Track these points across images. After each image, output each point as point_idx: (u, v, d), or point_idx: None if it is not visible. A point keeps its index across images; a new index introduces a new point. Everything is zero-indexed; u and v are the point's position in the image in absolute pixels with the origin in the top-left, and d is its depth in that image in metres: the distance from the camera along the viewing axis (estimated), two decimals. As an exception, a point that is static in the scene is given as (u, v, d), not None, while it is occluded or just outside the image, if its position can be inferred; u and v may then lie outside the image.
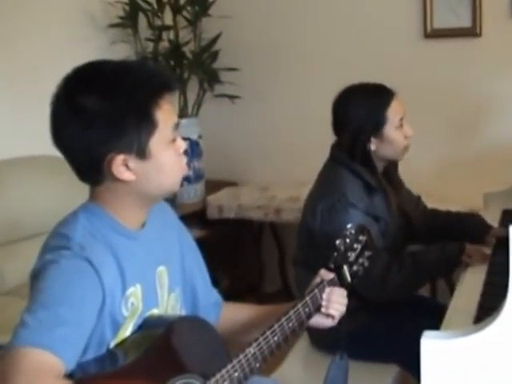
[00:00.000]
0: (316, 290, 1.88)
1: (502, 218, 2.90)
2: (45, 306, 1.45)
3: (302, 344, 2.75)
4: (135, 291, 1.63)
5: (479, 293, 2.14)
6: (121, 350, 1.59)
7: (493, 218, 2.87)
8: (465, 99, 3.81)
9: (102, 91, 1.58)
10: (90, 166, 1.61)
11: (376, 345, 2.52)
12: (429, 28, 3.84)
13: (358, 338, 2.27)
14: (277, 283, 4.68)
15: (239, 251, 4.71)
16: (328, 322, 1.91)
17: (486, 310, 1.89)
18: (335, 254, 1.96)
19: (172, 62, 4.26)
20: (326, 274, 1.93)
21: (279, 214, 4.12)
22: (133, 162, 1.60)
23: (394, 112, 2.58)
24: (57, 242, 1.59)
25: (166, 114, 1.62)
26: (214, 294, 2.01)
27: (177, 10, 4.25)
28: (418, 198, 2.92)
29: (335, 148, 2.66)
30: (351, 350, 2.04)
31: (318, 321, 1.90)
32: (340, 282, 1.95)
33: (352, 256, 1.99)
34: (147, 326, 1.66)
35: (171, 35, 4.31)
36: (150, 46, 4.29)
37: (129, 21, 4.20)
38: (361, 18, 4.09)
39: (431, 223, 2.85)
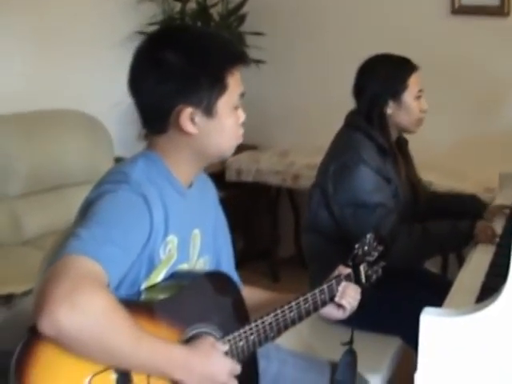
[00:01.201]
0: (333, 281, 1.96)
1: (516, 199, 2.91)
2: (99, 224, 1.53)
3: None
4: (173, 240, 1.71)
5: (484, 273, 2.17)
6: (150, 292, 1.68)
7: (507, 199, 2.87)
8: (488, 78, 3.80)
9: (184, 48, 1.70)
10: (159, 114, 1.71)
11: (381, 317, 2.54)
12: (456, 4, 3.82)
13: (363, 309, 2.31)
14: (291, 249, 4.73)
15: (255, 215, 4.75)
16: (339, 314, 1.98)
17: (489, 290, 1.91)
18: (354, 251, 2.03)
19: (199, 24, 4.27)
20: (343, 269, 2.01)
21: (297, 180, 4.15)
22: (199, 117, 1.70)
23: (414, 82, 2.67)
24: (115, 177, 1.67)
25: (236, 81, 1.74)
26: (236, 276, 2.06)
27: (206, -29, 4.26)
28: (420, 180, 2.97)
29: (352, 115, 2.73)
30: (356, 320, 2.08)
31: (330, 311, 1.97)
32: (355, 280, 2.03)
33: (369, 260, 2.08)
34: (177, 275, 1.74)
35: (199, -4, 4.32)
36: (178, 6, 4.30)
37: (157, -21, 4.22)
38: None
39: (432, 202, 2.91)
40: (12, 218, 3.60)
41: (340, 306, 1.97)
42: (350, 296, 1.97)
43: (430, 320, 1.68)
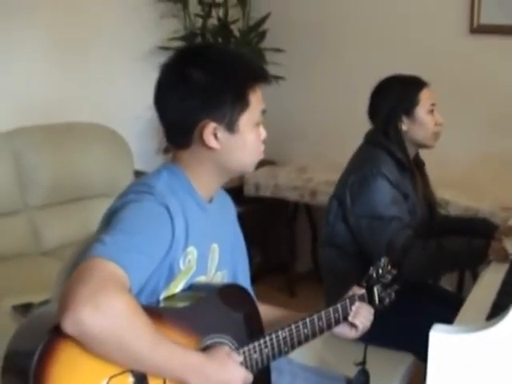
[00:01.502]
0: (347, 301, 2.00)
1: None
2: (123, 231, 1.57)
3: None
4: (193, 252, 1.75)
5: (496, 291, 2.18)
6: (168, 302, 1.72)
7: (524, 219, 2.89)
8: (506, 97, 3.79)
9: (209, 66, 1.76)
10: (183, 129, 1.76)
11: (394, 333, 2.55)
12: (475, 23, 3.83)
13: (375, 324, 2.32)
14: (308, 264, 4.75)
15: (273, 230, 4.77)
16: (351, 334, 2.01)
17: (500, 308, 1.92)
18: (369, 273, 2.08)
19: (219, 39, 4.31)
20: (358, 290, 2.05)
21: (315, 196, 4.17)
22: (221, 133, 1.74)
23: (425, 96, 2.71)
24: (140, 188, 1.72)
25: (257, 98, 1.78)
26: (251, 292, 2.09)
27: (228, -12, 4.29)
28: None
29: (372, 132, 2.78)
30: (369, 336, 2.09)
31: (343, 330, 2.01)
32: (369, 301, 2.07)
33: (384, 282, 2.12)
34: (195, 287, 1.79)
35: (220, 12, 4.36)
36: (199, 22, 4.34)
37: (179, -5, 4.25)
38: (407, 9, 4.11)
39: (444, 225, 2.94)
40: (32, 229, 3.64)
41: (353, 325, 1.99)
42: (363, 316, 2.00)
43: (439, 337, 1.69)
